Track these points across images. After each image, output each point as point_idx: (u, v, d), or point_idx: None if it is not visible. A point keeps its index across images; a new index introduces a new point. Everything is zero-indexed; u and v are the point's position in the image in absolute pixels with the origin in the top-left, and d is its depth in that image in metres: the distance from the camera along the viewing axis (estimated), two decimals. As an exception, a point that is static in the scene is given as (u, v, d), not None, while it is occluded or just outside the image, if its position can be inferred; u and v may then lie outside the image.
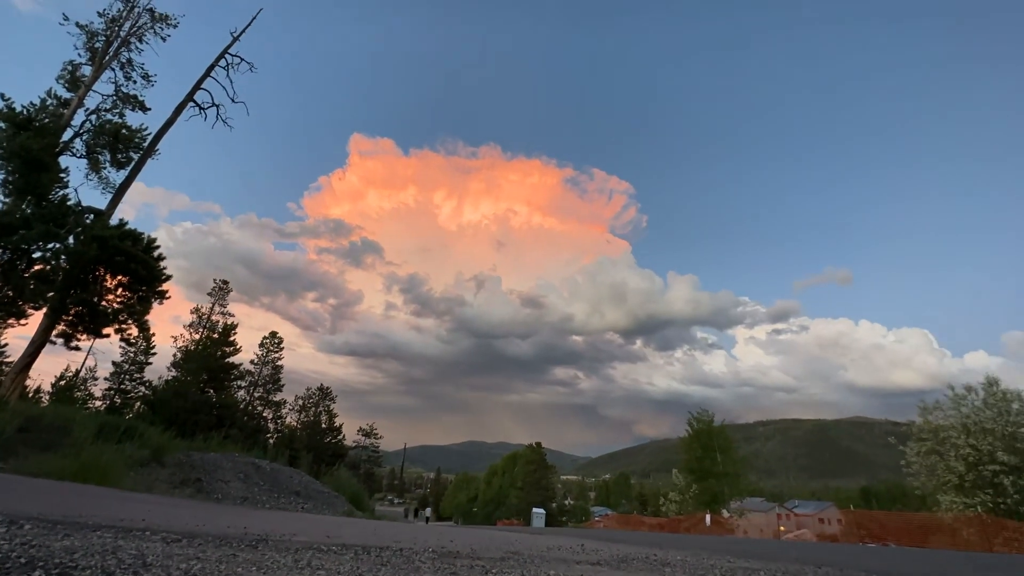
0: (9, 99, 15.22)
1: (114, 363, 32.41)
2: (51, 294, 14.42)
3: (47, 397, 29.55)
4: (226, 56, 19.99)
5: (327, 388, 42.64)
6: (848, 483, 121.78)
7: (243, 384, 35.21)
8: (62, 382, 32.01)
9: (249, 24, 20.62)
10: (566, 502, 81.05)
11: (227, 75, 19.99)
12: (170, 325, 47.01)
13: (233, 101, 20.25)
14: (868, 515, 25.36)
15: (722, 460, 35.63)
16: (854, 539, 21.21)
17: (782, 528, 45.66)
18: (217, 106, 19.95)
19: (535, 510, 42.52)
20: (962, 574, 5.56)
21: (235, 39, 20.18)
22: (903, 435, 22.37)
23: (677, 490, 39.76)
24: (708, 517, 28.34)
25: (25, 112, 15.38)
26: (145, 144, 17.90)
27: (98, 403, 31.15)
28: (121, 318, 15.66)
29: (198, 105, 19.57)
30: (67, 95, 17.40)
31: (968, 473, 18.73)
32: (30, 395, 24.62)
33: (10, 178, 14.75)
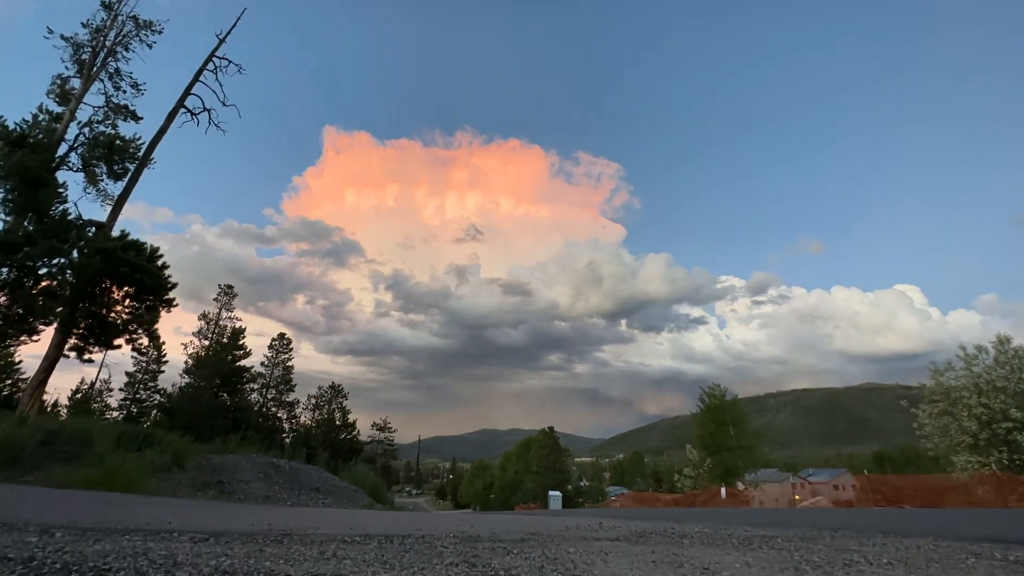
0: (2, 117, 15.22)
1: (127, 373, 32.91)
2: (60, 309, 14.55)
3: (65, 411, 30.07)
4: (213, 59, 19.83)
5: (339, 386, 42.98)
6: (862, 450, 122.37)
7: (255, 387, 35.59)
8: (78, 395, 32.52)
9: (234, 25, 20.41)
10: (581, 484, 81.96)
11: (216, 78, 19.85)
12: (172, 335, 47.52)
13: (224, 104, 20.13)
14: (882, 479, 25.49)
15: (735, 433, 35.84)
16: (869, 504, 21.36)
17: (797, 497, 45.99)
18: (208, 110, 19.84)
19: (551, 493, 43.00)
20: (974, 529, 5.61)
21: (221, 41, 19.98)
22: (915, 399, 22.33)
23: (691, 465, 40.11)
24: (723, 490, 28.60)
25: (19, 129, 15.37)
26: (140, 154, 17.86)
27: (115, 413, 31.67)
28: (131, 328, 15.79)
29: (189, 111, 19.46)
30: (58, 109, 17.34)
31: (982, 432, 18.75)
32: (48, 409, 25.08)
33: (9, 196, 14.79)
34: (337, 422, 40.45)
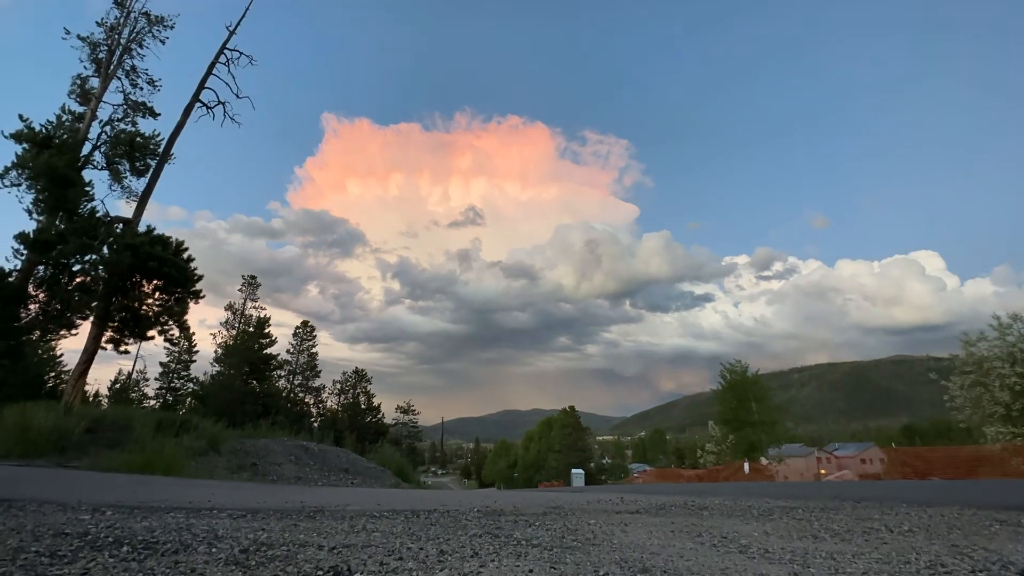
0: (28, 119, 15.67)
1: (161, 364, 34.25)
2: (95, 304, 15.16)
3: (106, 400, 31.53)
4: (225, 51, 19.92)
5: (362, 371, 43.94)
6: (890, 423, 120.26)
7: (282, 373, 36.69)
8: (117, 385, 34.02)
9: (243, 15, 20.41)
10: (604, 461, 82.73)
11: (228, 71, 19.96)
12: (198, 327, 49.08)
13: (238, 97, 20.26)
14: (911, 451, 25.01)
15: (757, 409, 35.53)
16: (897, 476, 21.09)
17: (823, 471, 45.69)
18: (223, 103, 20.02)
19: (574, 471, 43.57)
20: (1004, 499, 5.53)
21: (231, 33, 20.03)
22: (944, 370, 21.76)
23: (714, 441, 40.04)
24: (746, 465, 28.55)
25: (44, 130, 15.83)
26: (160, 150, 18.22)
27: (152, 402, 33.10)
28: (162, 320, 16.35)
29: (205, 105, 19.66)
30: (80, 109, 17.77)
31: (1015, 402, 18.24)
32: (90, 399, 26.32)
33: (40, 196, 15.34)
34: (362, 406, 41.48)
